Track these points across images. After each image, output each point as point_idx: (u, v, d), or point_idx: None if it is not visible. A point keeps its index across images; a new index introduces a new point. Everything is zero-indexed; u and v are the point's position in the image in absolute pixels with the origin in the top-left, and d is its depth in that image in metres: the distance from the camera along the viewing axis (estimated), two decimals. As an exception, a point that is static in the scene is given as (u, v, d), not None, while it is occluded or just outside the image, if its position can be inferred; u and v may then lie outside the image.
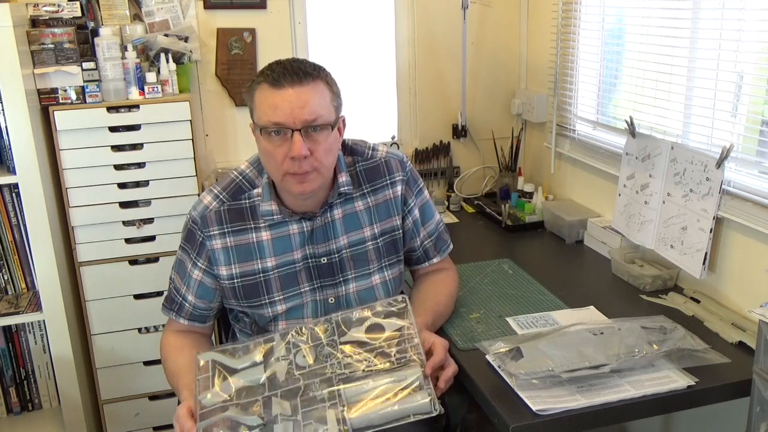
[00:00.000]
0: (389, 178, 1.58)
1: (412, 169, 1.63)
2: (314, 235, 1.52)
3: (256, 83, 1.40)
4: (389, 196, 1.58)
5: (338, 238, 1.53)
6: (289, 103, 1.35)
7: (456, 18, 2.56)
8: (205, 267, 1.51)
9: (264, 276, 1.51)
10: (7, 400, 2.29)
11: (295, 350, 1.38)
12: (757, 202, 1.59)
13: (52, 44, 2.04)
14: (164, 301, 1.59)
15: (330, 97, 1.42)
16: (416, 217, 1.62)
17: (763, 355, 1.26)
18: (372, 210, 1.56)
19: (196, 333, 1.59)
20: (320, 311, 1.54)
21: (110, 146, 2.12)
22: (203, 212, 1.50)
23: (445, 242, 1.69)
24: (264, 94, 1.38)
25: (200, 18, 2.38)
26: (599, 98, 2.27)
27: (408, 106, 2.66)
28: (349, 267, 1.55)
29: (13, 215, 2.12)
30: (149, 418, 2.37)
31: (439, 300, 1.60)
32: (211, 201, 1.51)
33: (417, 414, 1.28)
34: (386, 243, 1.58)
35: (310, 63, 1.42)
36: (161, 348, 1.58)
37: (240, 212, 1.50)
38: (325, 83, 1.41)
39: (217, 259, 1.50)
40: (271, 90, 1.37)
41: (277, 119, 1.36)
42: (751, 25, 1.60)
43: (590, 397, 1.32)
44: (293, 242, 1.51)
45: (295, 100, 1.35)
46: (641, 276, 1.83)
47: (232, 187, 1.52)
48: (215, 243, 1.49)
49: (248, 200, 1.51)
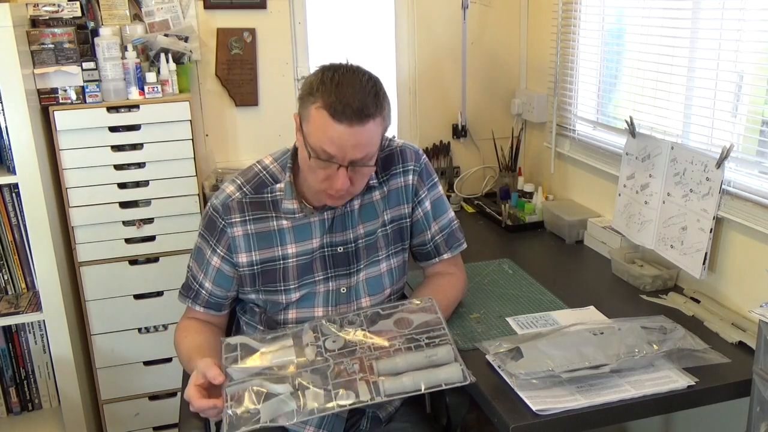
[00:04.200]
0: (402, 166, 1.59)
1: (427, 162, 1.64)
2: (334, 224, 1.53)
3: (315, 98, 1.35)
4: (401, 183, 1.59)
5: (356, 228, 1.55)
6: (344, 141, 1.34)
7: (456, 18, 2.56)
8: (224, 254, 1.51)
9: (284, 263, 1.51)
10: (7, 400, 2.29)
11: (324, 337, 1.40)
12: (757, 202, 1.59)
13: (52, 44, 2.04)
14: (181, 288, 1.59)
15: (382, 130, 1.42)
16: (427, 210, 1.63)
17: (763, 355, 1.26)
18: (385, 198, 1.58)
19: (212, 325, 1.58)
20: (331, 301, 1.54)
21: (110, 146, 2.12)
22: (225, 200, 1.51)
23: (458, 240, 1.69)
24: (322, 119, 1.34)
25: (200, 18, 2.38)
26: (599, 98, 2.27)
27: (408, 106, 2.66)
28: (363, 256, 1.56)
29: (13, 215, 2.12)
30: (149, 418, 2.37)
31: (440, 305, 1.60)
32: (234, 191, 1.52)
33: (449, 382, 1.28)
34: (394, 230, 1.60)
35: (372, 92, 1.37)
36: (177, 331, 1.56)
37: (262, 204, 1.51)
38: (382, 118, 1.39)
39: (237, 246, 1.50)
40: (329, 119, 1.33)
41: (329, 151, 1.35)
42: (751, 25, 1.60)
43: (590, 397, 1.32)
44: (314, 231, 1.52)
45: (350, 138, 1.34)
46: (641, 276, 1.83)
47: (255, 181, 1.53)
48: (236, 230, 1.50)
49: (270, 194, 1.52)
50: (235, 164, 2.47)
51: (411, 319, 1.43)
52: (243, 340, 1.42)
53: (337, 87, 1.34)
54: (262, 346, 1.39)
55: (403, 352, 1.34)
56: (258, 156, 1.60)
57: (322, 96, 1.34)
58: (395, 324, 1.42)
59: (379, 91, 1.39)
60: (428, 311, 1.44)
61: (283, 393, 1.27)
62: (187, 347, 1.50)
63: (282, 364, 1.34)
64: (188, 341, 1.51)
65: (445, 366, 1.30)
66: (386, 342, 1.37)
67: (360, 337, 1.39)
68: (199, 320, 1.58)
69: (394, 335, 1.39)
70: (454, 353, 1.33)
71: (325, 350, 1.36)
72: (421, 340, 1.37)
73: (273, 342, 1.41)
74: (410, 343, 1.36)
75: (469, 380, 1.28)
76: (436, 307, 1.45)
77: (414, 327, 1.40)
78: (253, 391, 1.27)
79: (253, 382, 1.29)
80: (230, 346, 1.40)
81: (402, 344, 1.36)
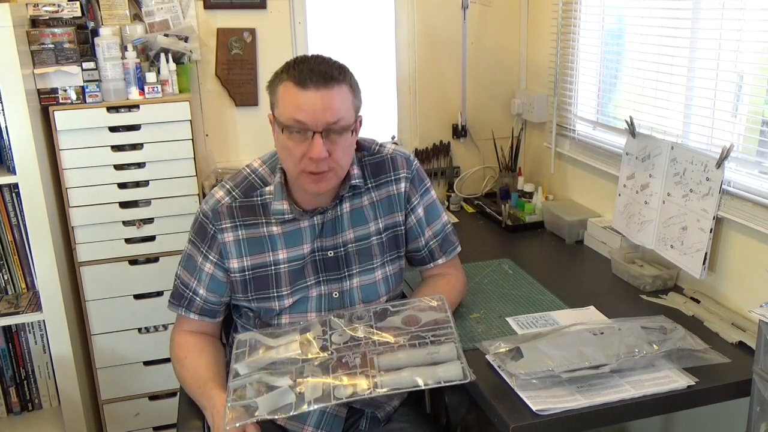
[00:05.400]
0: (394, 174, 1.59)
1: (419, 168, 1.64)
2: (324, 228, 1.53)
3: (281, 79, 1.41)
4: (392, 191, 1.59)
5: (345, 232, 1.54)
6: (313, 104, 1.36)
7: (456, 18, 2.56)
8: (217, 260, 1.51)
9: (275, 269, 1.51)
10: (7, 400, 2.29)
11: (331, 332, 1.41)
12: (757, 202, 1.59)
13: (52, 44, 2.04)
14: (171, 298, 1.58)
15: (352, 99, 1.42)
16: (420, 216, 1.62)
17: (763, 355, 1.26)
18: (376, 205, 1.57)
19: (210, 338, 1.58)
20: (324, 306, 1.53)
21: (110, 146, 2.12)
22: (215, 206, 1.50)
23: (452, 244, 1.68)
24: (288, 91, 1.38)
25: (200, 18, 2.38)
26: (599, 98, 2.27)
27: (408, 106, 2.66)
28: (354, 261, 1.55)
29: (13, 215, 2.12)
30: (149, 418, 2.37)
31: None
32: (223, 196, 1.51)
33: (449, 380, 1.28)
34: (389, 238, 1.59)
35: (336, 64, 1.42)
36: (174, 349, 1.55)
37: (252, 208, 1.51)
38: (349, 86, 1.42)
39: (228, 252, 1.50)
40: (295, 89, 1.37)
41: (299, 119, 1.37)
42: (751, 25, 1.60)
43: (590, 397, 1.32)
44: (304, 236, 1.52)
45: (319, 102, 1.36)
46: (641, 276, 1.83)
47: (244, 185, 1.52)
48: (227, 236, 1.49)
49: (260, 197, 1.51)
50: (235, 164, 2.47)
51: (419, 317, 1.43)
52: (253, 336, 1.43)
53: (300, 63, 1.40)
54: (270, 341, 1.40)
55: (406, 348, 1.34)
56: (258, 156, 1.60)
57: (287, 73, 1.39)
58: (403, 321, 1.42)
59: (343, 66, 1.43)
60: (438, 310, 1.44)
61: (282, 386, 1.28)
62: (192, 372, 1.48)
63: (288, 358, 1.35)
64: (192, 364, 1.50)
65: (446, 363, 1.30)
66: (391, 338, 1.37)
67: (366, 333, 1.39)
68: (195, 334, 1.56)
69: (400, 332, 1.39)
70: (458, 351, 1.33)
71: (330, 344, 1.37)
72: (426, 338, 1.37)
73: (281, 337, 1.42)
74: (415, 340, 1.36)
75: (469, 378, 1.28)
76: (446, 306, 1.45)
77: (421, 324, 1.41)
78: (253, 385, 1.28)
79: (255, 377, 1.30)
80: (241, 342, 1.41)
81: (407, 341, 1.36)
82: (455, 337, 1.36)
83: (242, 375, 1.33)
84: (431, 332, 1.38)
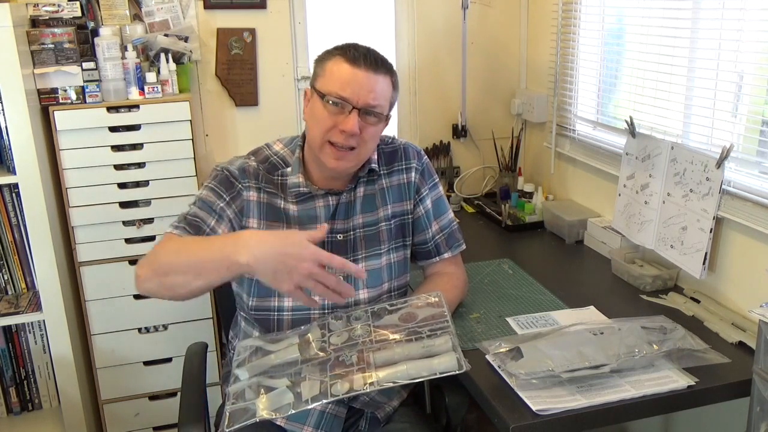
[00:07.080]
0: (405, 163, 1.65)
1: (428, 162, 1.69)
2: (338, 211, 1.56)
3: (332, 54, 1.48)
4: (403, 180, 1.64)
5: (355, 217, 1.58)
6: (359, 82, 1.44)
7: (456, 18, 2.56)
8: (236, 213, 1.51)
9: None
10: (7, 400, 2.29)
11: (330, 333, 1.42)
12: (757, 202, 1.59)
13: (52, 44, 2.04)
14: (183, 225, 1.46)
15: (391, 92, 1.52)
16: (428, 208, 1.66)
17: (763, 355, 1.26)
18: (386, 191, 1.62)
19: None
20: None
21: (110, 146, 2.12)
22: (242, 165, 1.54)
23: (458, 240, 1.71)
24: (338, 66, 1.46)
25: (200, 18, 2.38)
26: (599, 98, 2.27)
27: (408, 106, 2.66)
28: (361, 246, 1.58)
29: (13, 215, 2.12)
30: (149, 418, 2.37)
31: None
32: (247, 161, 1.55)
33: (444, 371, 1.28)
34: (396, 225, 1.62)
35: (386, 59, 1.52)
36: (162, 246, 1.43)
37: (273, 183, 1.55)
38: (392, 81, 1.52)
39: (250, 210, 1.52)
40: (346, 65, 1.45)
41: (343, 93, 1.44)
42: (751, 25, 1.60)
43: (590, 397, 1.32)
44: (318, 216, 1.55)
45: (366, 82, 1.45)
46: (641, 276, 1.83)
47: (268, 163, 1.56)
48: (251, 194, 1.52)
49: (281, 177, 1.56)
50: (235, 164, 2.47)
51: (416, 314, 1.44)
52: (254, 342, 1.45)
53: (355, 46, 1.49)
54: (270, 346, 1.42)
55: (402, 344, 1.35)
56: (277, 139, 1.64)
57: (340, 51, 1.48)
58: (400, 318, 1.43)
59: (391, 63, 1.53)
60: (435, 306, 1.45)
61: (280, 388, 1.29)
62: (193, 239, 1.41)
63: (288, 361, 1.37)
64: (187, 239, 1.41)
65: (441, 355, 1.31)
66: (389, 335, 1.38)
67: (364, 332, 1.40)
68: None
69: (398, 329, 1.40)
70: (453, 343, 1.33)
71: (329, 344, 1.39)
72: (423, 332, 1.38)
73: (281, 342, 1.43)
74: (412, 335, 1.37)
75: (465, 368, 1.28)
76: (443, 301, 1.46)
77: (418, 321, 1.42)
78: (252, 387, 1.30)
79: (254, 380, 1.31)
80: (243, 348, 1.44)
81: (403, 336, 1.37)
82: (451, 330, 1.37)
83: (242, 380, 1.35)
84: (428, 326, 1.39)
